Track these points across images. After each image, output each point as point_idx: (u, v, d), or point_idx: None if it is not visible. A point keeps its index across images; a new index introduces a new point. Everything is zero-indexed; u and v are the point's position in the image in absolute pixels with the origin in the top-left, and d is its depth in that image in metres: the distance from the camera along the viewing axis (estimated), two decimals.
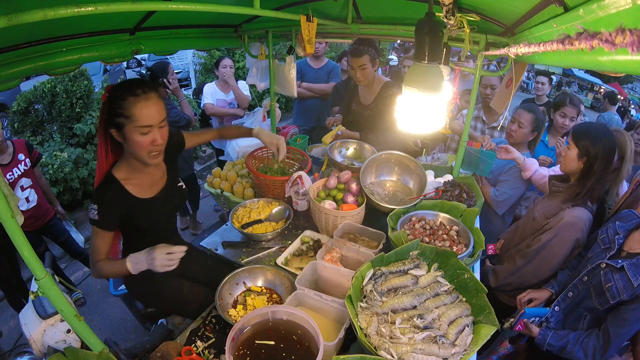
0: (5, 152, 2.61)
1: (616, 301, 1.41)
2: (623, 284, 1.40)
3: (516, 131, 2.39)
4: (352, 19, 2.19)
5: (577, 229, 1.73)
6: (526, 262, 1.87)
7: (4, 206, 0.86)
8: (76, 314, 1.06)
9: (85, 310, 3.13)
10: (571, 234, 1.74)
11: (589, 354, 1.48)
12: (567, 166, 1.82)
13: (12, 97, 5.09)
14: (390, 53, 10.35)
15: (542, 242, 1.80)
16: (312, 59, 3.84)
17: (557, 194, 1.90)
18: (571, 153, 1.77)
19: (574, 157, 1.76)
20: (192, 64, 7.64)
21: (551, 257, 1.80)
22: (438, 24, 1.19)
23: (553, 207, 1.87)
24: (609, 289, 1.43)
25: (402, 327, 1.18)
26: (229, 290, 1.57)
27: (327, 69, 3.85)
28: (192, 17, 2.06)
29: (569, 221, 1.73)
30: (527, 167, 2.26)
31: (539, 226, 1.90)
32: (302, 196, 2.12)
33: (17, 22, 0.76)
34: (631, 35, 0.45)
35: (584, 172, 1.75)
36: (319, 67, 3.84)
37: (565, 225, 1.74)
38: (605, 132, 1.72)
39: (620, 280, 1.41)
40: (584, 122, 1.79)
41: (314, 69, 3.82)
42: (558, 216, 1.79)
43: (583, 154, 1.73)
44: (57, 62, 1.60)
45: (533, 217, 1.97)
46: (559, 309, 1.69)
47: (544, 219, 1.89)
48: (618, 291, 1.40)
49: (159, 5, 1.13)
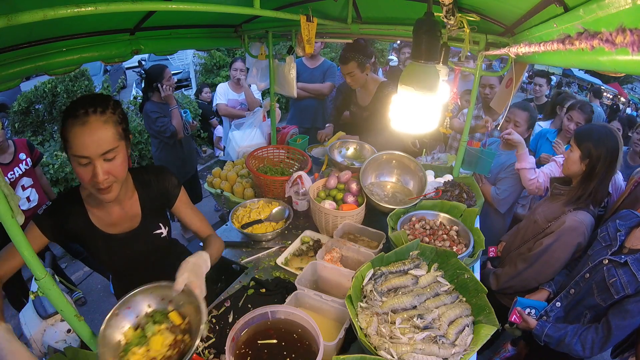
0: (6, 151, 2.61)
1: (620, 296, 1.42)
2: (627, 278, 1.41)
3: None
4: (352, 19, 2.19)
5: (579, 233, 1.71)
6: (527, 265, 1.85)
7: (4, 206, 0.86)
8: (76, 313, 1.06)
9: (85, 310, 3.13)
10: (573, 238, 1.72)
11: (587, 346, 1.49)
12: (569, 168, 1.81)
13: (12, 97, 5.09)
14: (390, 53, 10.34)
15: (543, 246, 1.78)
16: (308, 59, 3.80)
17: (558, 196, 1.89)
18: (573, 155, 1.76)
19: (576, 160, 1.75)
20: (192, 64, 7.64)
21: (552, 261, 1.79)
22: (436, 23, 1.19)
23: (555, 210, 1.86)
24: (613, 284, 1.44)
25: (402, 327, 1.18)
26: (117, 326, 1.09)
27: (322, 69, 3.81)
28: (192, 17, 2.05)
29: (571, 225, 1.71)
30: (524, 158, 2.25)
31: (541, 229, 1.89)
32: (302, 196, 2.12)
33: (17, 22, 0.76)
34: (631, 35, 0.45)
35: (587, 175, 1.74)
36: (314, 67, 3.80)
37: (567, 229, 1.71)
38: (608, 134, 1.70)
39: (625, 275, 1.42)
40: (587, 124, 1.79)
41: (309, 69, 3.79)
42: (560, 220, 1.77)
43: (585, 156, 1.72)
44: (57, 62, 1.59)
45: (535, 220, 1.96)
46: (560, 305, 1.69)
47: (545, 222, 1.87)
48: (622, 286, 1.41)
49: (159, 5, 1.13)
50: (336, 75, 3.82)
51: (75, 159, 1.04)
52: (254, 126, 3.26)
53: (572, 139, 1.81)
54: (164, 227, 1.40)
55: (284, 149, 2.59)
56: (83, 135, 1.02)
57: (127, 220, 1.31)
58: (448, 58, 1.84)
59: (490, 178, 2.51)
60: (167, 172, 1.39)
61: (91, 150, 1.03)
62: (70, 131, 1.02)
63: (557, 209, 1.85)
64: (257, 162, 2.45)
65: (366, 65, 2.50)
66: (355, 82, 2.58)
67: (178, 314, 1.09)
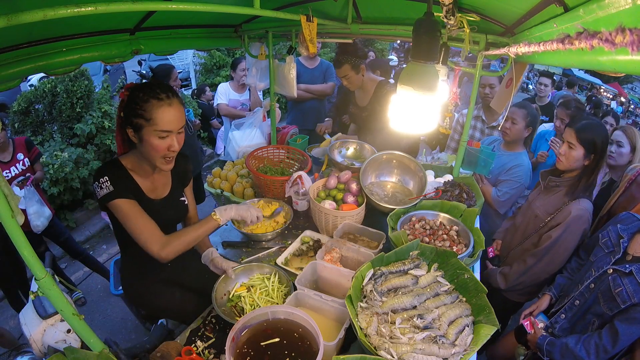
0: (6, 150, 2.62)
1: (627, 305, 1.42)
2: (633, 288, 1.41)
3: (510, 128, 2.40)
4: (352, 19, 2.19)
5: (585, 220, 1.78)
6: (537, 260, 1.89)
7: (4, 206, 0.86)
8: (76, 313, 1.06)
9: (85, 310, 3.14)
10: (580, 226, 1.79)
11: (592, 351, 1.47)
12: (570, 165, 1.84)
13: (12, 97, 5.09)
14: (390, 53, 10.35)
15: (553, 239, 1.82)
16: (307, 59, 3.78)
17: (555, 189, 1.93)
18: (576, 153, 1.79)
19: (579, 157, 1.79)
20: (192, 64, 7.64)
21: (562, 251, 1.84)
22: (436, 23, 1.19)
23: (555, 202, 1.90)
24: (619, 294, 1.44)
25: (402, 327, 1.18)
26: (223, 291, 1.55)
27: (322, 69, 3.81)
28: (192, 17, 2.06)
29: (578, 214, 1.77)
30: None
31: (542, 223, 1.92)
32: (302, 196, 2.12)
33: (17, 22, 0.76)
34: (631, 35, 0.45)
35: (591, 167, 1.79)
36: (313, 67, 3.80)
37: (575, 218, 1.77)
38: (600, 125, 1.79)
39: (630, 285, 1.42)
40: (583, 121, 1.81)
41: (309, 69, 3.78)
42: (564, 210, 1.82)
43: (590, 152, 1.77)
44: (57, 62, 1.59)
45: (535, 215, 1.98)
46: (565, 317, 1.68)
47: (547, 215, 1.91)
48: (628, 295, 1.41)
49: (159, 5, 1.13)
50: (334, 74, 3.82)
51: (157, 133, 1.27)
52: (254, 126, 3.26)
53: (569, 135, 1.81)
54: (185, 197, 1.65)
55: (284, 149, 2.59)
56: (171, 113, 1.27)
57: (162, 187, 1.53)
58: (448, 58, 1.84)
59: (491, 179, 2.51)
60: (189, 158, 1.66)
61: (174, 125, 1.29)
62: (158, 110, 1.25)
63: (556, 201, 1.89)
64: (257, 162, 2.45)
65: (360, 66, 2.51)
66: (351, 84, 2.59)
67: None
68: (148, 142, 1.28)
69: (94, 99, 4.51)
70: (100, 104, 4.48)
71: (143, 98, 1.25)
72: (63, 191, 4.03)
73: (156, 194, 1.50)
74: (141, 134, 1.28)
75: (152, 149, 1.30)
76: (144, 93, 1.26)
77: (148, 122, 1.25)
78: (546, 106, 4.08)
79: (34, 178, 2.72)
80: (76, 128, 4.28)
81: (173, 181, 1.58)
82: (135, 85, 1.31)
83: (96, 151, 4.40)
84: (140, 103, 1.25)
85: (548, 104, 4.16)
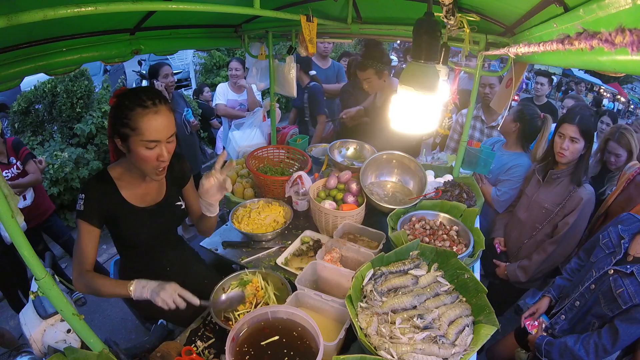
0: (3, 153, 2.62)
1: (628, 306, 1.42)
2: (634, 288, 1.41)
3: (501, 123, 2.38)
4: (352, 19, 2.19)
5: (592, 202, 1.97)
6: (556, 246, 2.04)
7: (4, 206, 0.86)
8: (76, 313, 1.06)
9: (85, 310, 3.13)
10: (589, 208, 1.98)
11: (591, 351, 1.48)
12: (574, 157, 1.95)
13: (12, 97, 5.09)
14: (390, 53, 10.36)
15: (570, 225, 1.98)
16: (319, 59, 3.84)
17: (556, 180, 2.04)
18: (579, 145, 1.91)
19: (581, 148, 1.92)
20: (192, 64, 7.63)
21: (576, 234, 2.02)
22: (436, 23, 1.19)
23: (561, 192, 2.02)
24: (620, 295, 1.44)
25: (402, 327, 1.18)
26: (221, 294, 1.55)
27: (334, 70, 3.88)
28: (192, 17, 2.05)
29: (587, 198, 1.94)
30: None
31: (552, 213, 2.05)
32: (302, 196, 2.12)
33: (17, 22, 0.76)
34: (631, 35, 0.45)
35: (587, 154, 1.96)
36: (327, 68, 3.86)
37: (586, 202, 1.94)
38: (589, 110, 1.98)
39: (631, 285, 1.42)
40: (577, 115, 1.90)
41: (322, 70, 3.83)
42: (575, 197, 1.96)
43: (588, 142, 1.92)
44: (57, 62, 1.59)
45: (543, 208, 2.09)
46: (564, 318, 1.69)
47: (555, 206, 2.04)
48: (630, 296, 1.41)
49: (159, 5, 1.13)
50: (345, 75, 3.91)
51: (144, 144, 1.20)
52: (254, 126, 3.27)
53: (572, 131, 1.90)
54: (182, 201, 1.59)
55: (284, 149, 2.59)
56: (157, 121, 1.19)
57: (156, 193, 1.48)
58: (448, 58, 1.84)
59: (491, 178, 2.51)
60: (184, 157, 1.61)
61: (161, 134, 1.21)
62: (143, 119, 1.17)
63: (562, 190, 2.03)
64: (257, 162, 2.45)
65: (384, 72, 2.52)
66: (371, 87, 2.61)
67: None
68: (135, 152, 1.22)
69: (94, 99, 4.51)
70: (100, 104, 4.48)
71: (128, 106, 1.18)
72: (63, 191, 4.02)
73: (148, 200, 1.45)
74: (128, 144, 1.22)
75: (141, 160, 1.24)
76: (129, 101, 1.19)
77: (134, 131, 1.18)
78: (544, 106, 4.07)
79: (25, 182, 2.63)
80: (76, 128, 4.28)
81: (168, 185, 1.52)
82: (123, 92, 1.24)
83: (96, 151, 4.40)
84: (125, 111, 1.18)
85: (546, 104, 4.15)
